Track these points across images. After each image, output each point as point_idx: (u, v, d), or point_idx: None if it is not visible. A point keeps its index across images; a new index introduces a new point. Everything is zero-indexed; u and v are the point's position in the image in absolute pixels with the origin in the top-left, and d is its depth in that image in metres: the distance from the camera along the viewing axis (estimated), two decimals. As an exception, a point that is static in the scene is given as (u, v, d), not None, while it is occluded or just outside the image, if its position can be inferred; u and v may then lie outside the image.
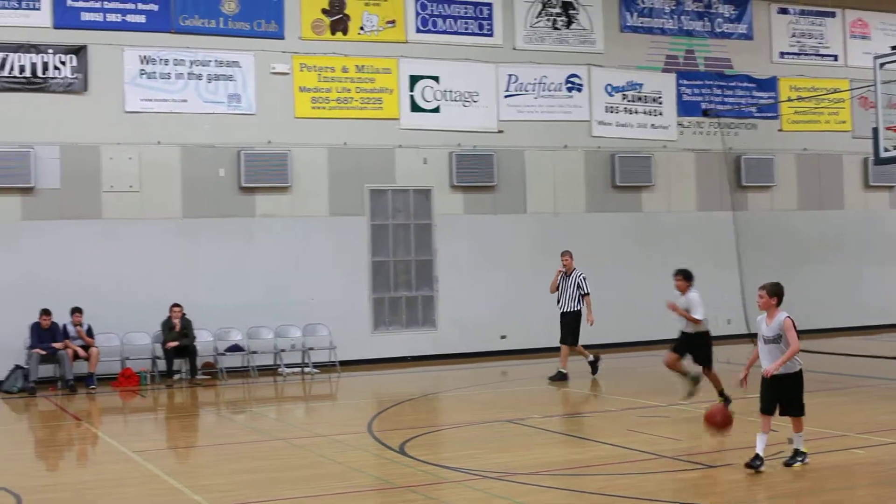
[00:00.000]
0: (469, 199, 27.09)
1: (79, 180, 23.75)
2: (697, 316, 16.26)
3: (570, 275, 22.04)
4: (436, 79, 26.90)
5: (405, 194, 26.63)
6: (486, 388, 21.78)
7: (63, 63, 23.79)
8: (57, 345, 22.26)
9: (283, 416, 19.71)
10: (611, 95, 28.76)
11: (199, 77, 24.83)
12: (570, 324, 21.99)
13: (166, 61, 24.58)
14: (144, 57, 24.40)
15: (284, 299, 24.96)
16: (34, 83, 23.58)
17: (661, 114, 29.33)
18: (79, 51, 23.83)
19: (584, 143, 28.33)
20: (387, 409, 18.62)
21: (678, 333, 16.68)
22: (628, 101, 28.96)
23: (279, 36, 25.52)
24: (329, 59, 25.95)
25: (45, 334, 22.34)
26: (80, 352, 22.51)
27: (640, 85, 29.12)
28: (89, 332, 22.85)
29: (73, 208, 23.67)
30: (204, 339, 23.90)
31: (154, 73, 24.50)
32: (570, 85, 28.28)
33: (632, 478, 12.03)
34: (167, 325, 23.28)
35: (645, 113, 29.15)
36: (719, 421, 12.77)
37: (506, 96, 27.62)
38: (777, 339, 11.92)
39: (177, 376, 23.40)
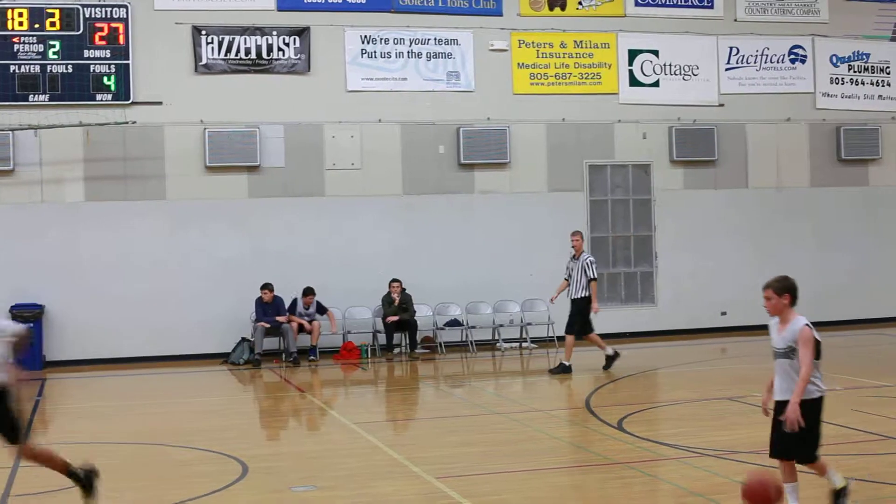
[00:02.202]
0: (689, 174, 26.66)
1: (302, 158, 24.32)
2: None
3: (579, 258, 20.44)
4: (655, 53, 26.53)
5: (624, 169, 26.38)
6: (705, 365, 21.46)
7: (287, 44, 24.35)
8: (280, 318, 22.86)
9: (500, 391, 19.80)
10: (836, 66, 27.85)
11: (419, 55, 25.08)
12: (577, 312, 20.35)
13: (386, 40, 24.91)
14: (365, 37, 24.78)
15: (503, 275, 25.04)
16: (259, 65, 24.21)
17: (889, 84, 28.25)
18: (302, 32, 24.36)
19: (808, 116, 27.53)
20: (605, 385, 18.52)
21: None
22: (854, 71, 28.00)
23: (497, 13, 25.55)
24: (547, 34, 25.87)
25: (268, 308, 22.98)
26: (306, 325, 23.06)
27: (867, 55, 28.11)
28: (320, 309, 23.38)
29: (297, 186, 24.26)
30: (424, 314, 24.19)
31: (374, 52, 24.86)
32: (793, 56, 27.49)
33: (857, 459, 11.67)
34: (387, 300, 23.64)
35: (872, 84, 28.14)
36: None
37: (727, 69, 27.03)
38: (790, 352, 8.86)
39: (397, 350, 23.76)
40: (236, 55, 24.10)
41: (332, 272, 23.82)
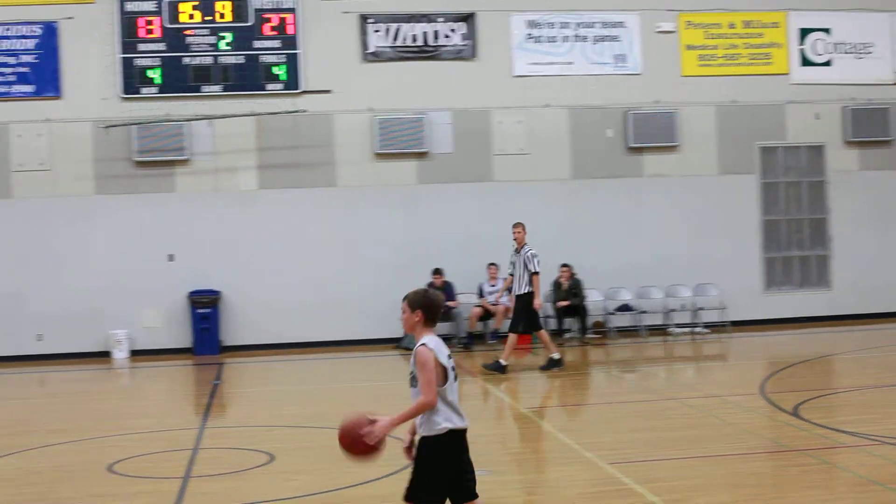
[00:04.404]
0: (865, 155, 25.94)
1: (470, 144, 24.38)
2: None
3: (521, 251, 19.00)
4: (827, 31, 25.86)
5: (797, 151, 25.80)
6: (883, 351, 20.87)
7: (453, 31, 24.43)
8: (451, 303, 22.98)
9: (673, 376, 19.59)
10: None
11: (585, 39, 24.91)
12: (521, 308, 18.92)
13: (552, 25, 24.79)
14: (531, 21, 24.71)
15: (674, 259, 24.75)
16: (426, 51, 24.34)
17: None
18: (468, 18, 24.40)
19: None
20: (780, 371, 18.17)
21: None
22: None
23: (664, -6, 25.28)
24: (715, 15, 25.43)
25: (438, 293, 23.08)
26: (491, 308, 23.15)
27: None
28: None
29: (465, 171, 24.33)
30: (594, 299, 24.06)
31: (540, 37, 24.77)
32: (973, 30, 26.52)
33: None
34: (557, 286, 23.58)
35: None
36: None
37: (903, 46, 26.26)
38: None
39: (567, 335, 23.67)
40: (403, 43, 24.27)
41: (502, 257, 23.77)
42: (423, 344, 7.46)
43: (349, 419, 7.41)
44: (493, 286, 23.52)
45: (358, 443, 7.37)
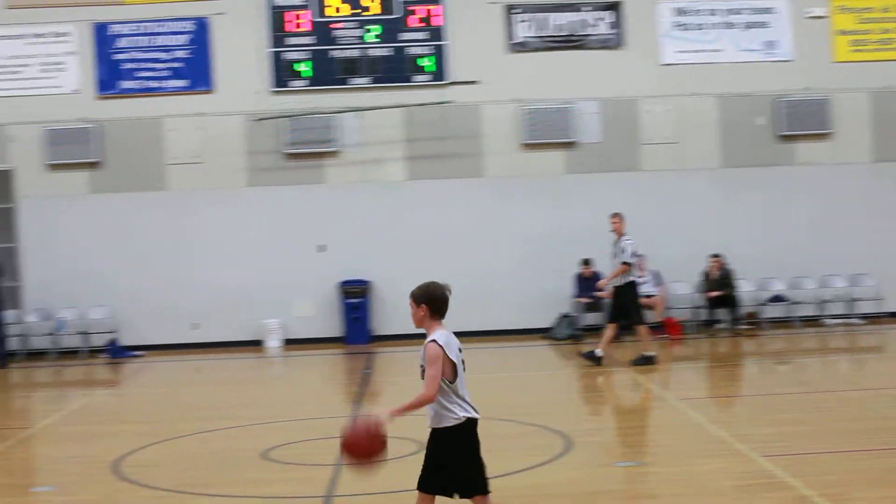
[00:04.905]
0: None
1: (618, 133, 24.22)
2: None
3: (618, 241, 18.77)
4: None
5: (957, 136, 25.05)
6: None
7: (600, 20, 24.28)
8: (601, 294, 22.86)
9: (827, 369, 19.23)
10: None
11: (734, 26, 24.53)
12: (617, 299, 18.79)
13: (700, 12, 24.47)
14: (678, 9, 24.43)
15: (827, 248, 24.20)
16: (572, 41, 24.24)
17: None
18: (614, 6, 24.23)
19: None
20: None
21: None
22: None
23: (816, -22, 24.76)
24: (869, -2, 24.87)
25: (587, 283, 23.04)
26: (648, 301, 23.04)
27: None
28: (657, 280, 23.37)
29: (613, 161, 24.18)
30: (745, 289, 23.70)
31: (688, 24, 24.47)
32: None
33: None
34: (707, 276, 23.31)
35: None
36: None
37: None
38: None
39: (718, 326, 23.39)
40: (550, 32, 24.20)
41: (650, 247, 23.53)
42: (433, 340, 7.59)
43: (352, 426, 7.47)
44: (640, 277, 23.29)
45: (365, 444, 7.42)
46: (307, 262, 23.87)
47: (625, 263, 18.40)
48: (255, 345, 23.56)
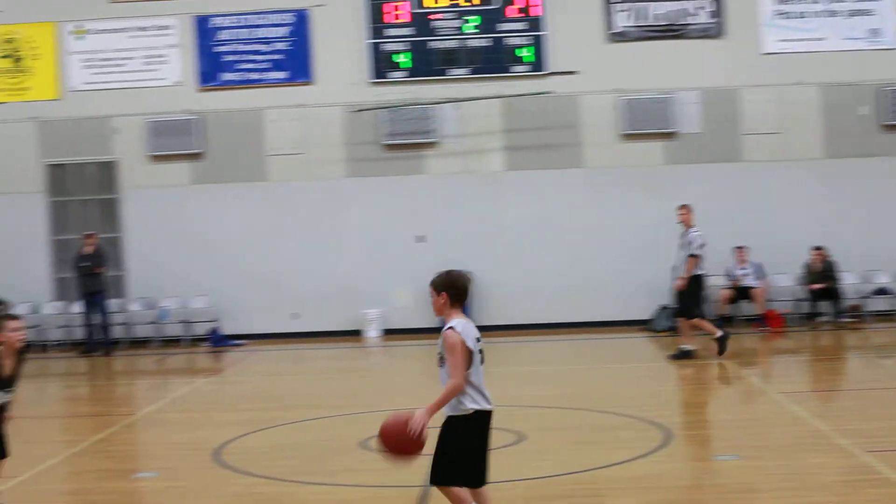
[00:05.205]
0: None
1: (718, 124, 23.95)
2: None
3: (685, 233, 18.54)
4: None
5: None
6: None
7: (700, 9, 24.03)
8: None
9: (933, 363, 18.87)
10: None
11: (837, 14, 24.12)
12: (683, 293, 18.48)
13: (802, 0, 24.10)
14: (781, -3, 24.14)
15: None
16: (672, 30, 24.03)
17: None
18: (716, -5, 24.02)
19: None
20: None
21: None
22: None
23: (924, -38, 24.25)
24: (979, -17, 24.29)
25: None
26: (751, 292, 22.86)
27: None
28: (759, 272, 23.11)
29: (713, 152, 23.93)
30: (848, 282, 23.33)
31: (790, 12, 24.11)
32: None
33: None
34: (809, 268, 22.99)
35: None
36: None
37: None
38: None
39: (820, 318, 23.06)
40: (649, 22, 24.01)
41: (750, 238, 23.28)
42: (450, 327, 7.64)
43: (390, 421, 7.71)
44: (742, 269, 23.08)
45: (403, 442, 7.62)
46: (406, 252, 23.97)
47: (693, 256, 18.17)
48: (354, 335, 23.72)
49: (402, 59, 24.01)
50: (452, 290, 7.77)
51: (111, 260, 23.88)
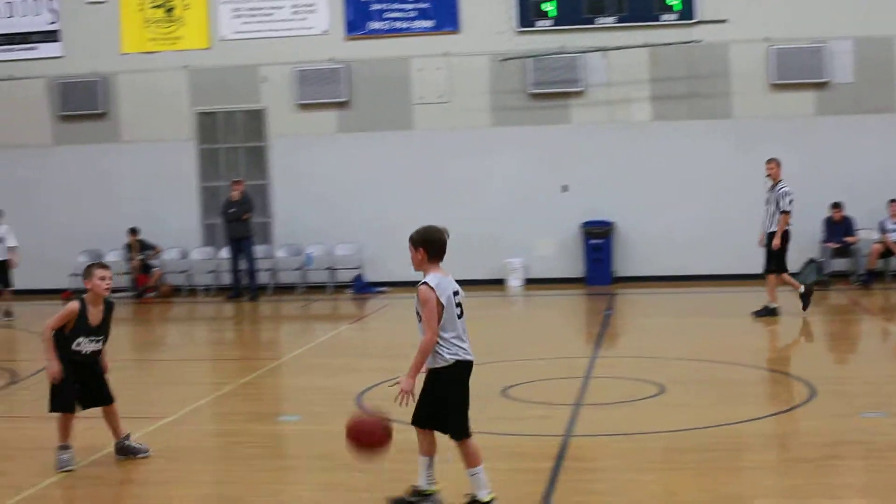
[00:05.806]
0: None
1: (873, 74, 23.29)
2: None
3: (775, 187, 17.94)
4: None
5: None
6: None
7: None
8: (849, 238, 22.24)
9: None
10: None
11: None
12: (770, 248, 17.91)
13: (966, -56, 23.29)
14: (943, -59, 23.31)
15: None
16: (827, -23, 23.45)
17: None
18: (873, -60, 23.31)
19: None
20: None
21: None
22: None
23: None
24: None
25: (836, 228, 22.43)
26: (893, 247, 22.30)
27: None
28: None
29: (866, 102, 23.29)
30: None
31: (953, -43, 23.32)
32: None
33: None
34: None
35: None
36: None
37: None
38: None
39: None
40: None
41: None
42: (425, 282, 7.88)
43: (359, 416, 8.19)
44: (895, 224, 22.53)
45: (372, 437, 7.92)
46: (550, 202, 23.90)
47: (785, 212, 17.76)
48: (497, 284, 23.79)
49: (549, 8, 23.83)
50: (429, 245, 8.00)
51: (258, 207, 24.27)
